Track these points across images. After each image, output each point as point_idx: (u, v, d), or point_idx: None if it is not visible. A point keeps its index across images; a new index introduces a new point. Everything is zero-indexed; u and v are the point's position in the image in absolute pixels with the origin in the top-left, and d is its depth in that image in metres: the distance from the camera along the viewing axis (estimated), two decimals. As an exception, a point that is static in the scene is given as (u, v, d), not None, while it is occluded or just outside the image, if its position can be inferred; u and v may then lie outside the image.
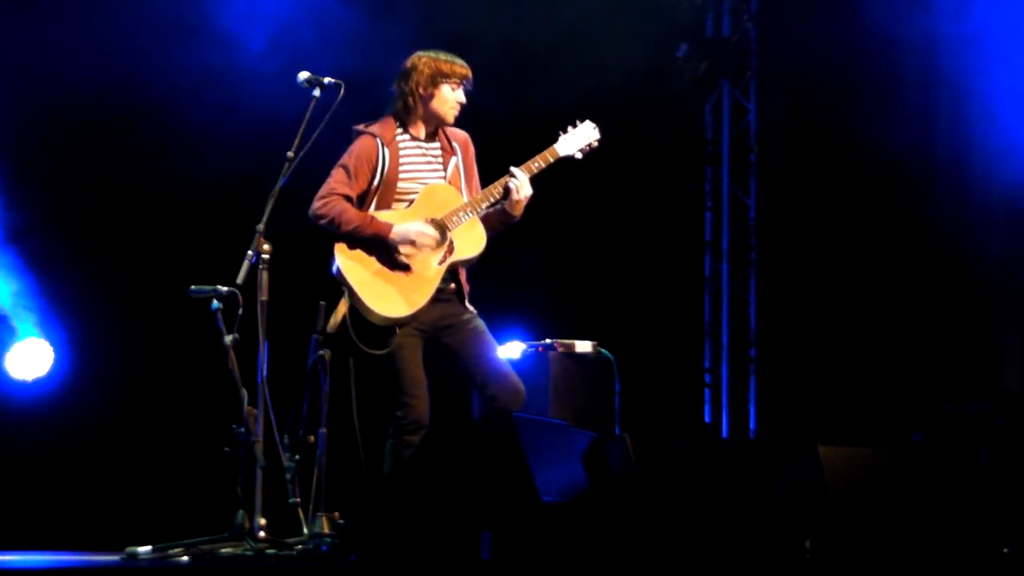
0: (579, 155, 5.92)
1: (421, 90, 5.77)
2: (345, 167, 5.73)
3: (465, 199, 5.78)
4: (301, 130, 5.73)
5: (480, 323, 5.77)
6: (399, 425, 5.65)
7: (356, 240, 5.66)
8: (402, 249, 5.66)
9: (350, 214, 5.66)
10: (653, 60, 8.72)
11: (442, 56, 5.82)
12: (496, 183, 5.79)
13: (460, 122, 5.91)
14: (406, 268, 5.67)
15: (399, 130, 5.81)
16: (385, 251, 5.68)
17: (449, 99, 5.80)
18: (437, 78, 5.78)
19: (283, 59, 7.23)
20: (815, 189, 9.13)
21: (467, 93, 5.83)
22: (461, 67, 5.81)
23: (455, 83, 5.80)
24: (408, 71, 5.81)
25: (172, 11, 7.57)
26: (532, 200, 5.82)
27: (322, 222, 5.68)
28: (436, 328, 5.73)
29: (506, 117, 7.74)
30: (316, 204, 5.70)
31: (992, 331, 8.75)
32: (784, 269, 9.33)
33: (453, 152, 5.85)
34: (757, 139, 9.50)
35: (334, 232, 5.67)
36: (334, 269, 5.68)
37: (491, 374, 5.72)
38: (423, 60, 5.81)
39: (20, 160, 7.40)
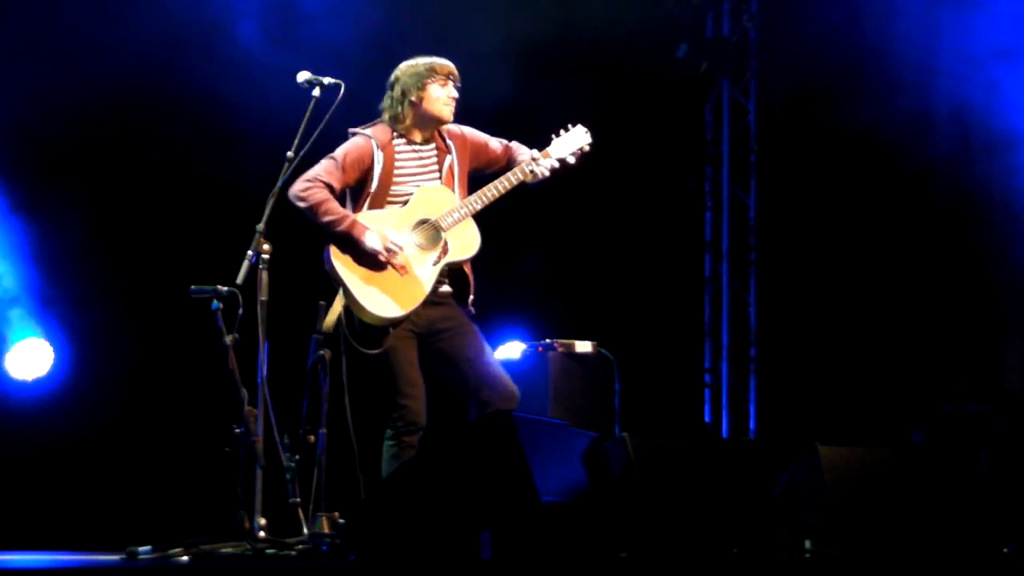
0: (572, 159, 5.91)
1: (411, 97, 5.76)
2: (334, 159, 5.71)
3: (458, 200, 5.77)
4: (301, 130, 5.72)
5: (474, 327, 5.76)
6: (396, 426, 5.64)
7: (328, 233, 5.63)
8: (384, 251, 5.63)
9: (329, 205, 5.63)
10: (653, 60, 8.72)
11: (422, 59, 5.82)
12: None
13: (456, 119, 5.89)
14: (401, 268, 5.66)
15: (394, 134, 5.79)
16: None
17: (439, 96, 5.77)
18: (422, 80, 5.76)
19: (284, 59, 7.23)
20: (815, 189, 9.13)
21: (458, 88, 5.81)
22: (442, 64, 5.81)
23: (441, 80, 5.77)
24: (393, 83, 5.82)
25: (173, 13, 7.57)
26: (530, 200, 5.84)
27: (300, 204, 5.65)
28: (431, 331, 5.71)
29: (502, 116, 7.72)
30: (299, 186, 5.67)
31: (993, 331, 8.76)
32: (784, 269, 9.33)
33: (448, 151, 5.83)
34: (757, 139, 9.50)
35: (309, 218, 5.65)
36: (327, 267, 5.67)
37: (485, 379, 5.69)
38: (404, 68, 5.82)
39: (19, 160, 7.39)
